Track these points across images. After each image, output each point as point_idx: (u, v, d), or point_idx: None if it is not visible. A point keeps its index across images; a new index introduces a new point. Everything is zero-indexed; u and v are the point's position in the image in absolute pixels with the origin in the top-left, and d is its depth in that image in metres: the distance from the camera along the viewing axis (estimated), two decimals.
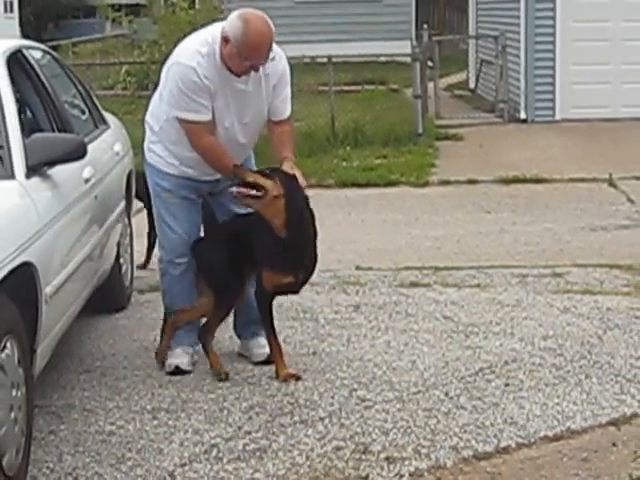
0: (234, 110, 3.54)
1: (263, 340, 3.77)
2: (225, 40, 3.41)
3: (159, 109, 3.64)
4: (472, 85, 13.98)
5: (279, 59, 3.59)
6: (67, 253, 3.34)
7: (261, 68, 3.49)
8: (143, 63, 9.07)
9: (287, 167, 3.56)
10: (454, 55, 15.57)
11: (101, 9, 18.58)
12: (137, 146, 5.09)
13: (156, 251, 4.14)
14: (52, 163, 3.28)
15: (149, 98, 3.87)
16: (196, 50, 3.46)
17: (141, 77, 9.08)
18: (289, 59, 3.73)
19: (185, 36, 3.70)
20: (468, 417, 3.24)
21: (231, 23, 3.42)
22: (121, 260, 4.52)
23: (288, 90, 3.66)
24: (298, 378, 3.56)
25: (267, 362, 3.73)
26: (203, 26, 9.33)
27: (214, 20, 8.97)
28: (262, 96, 3.57)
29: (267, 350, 3.74)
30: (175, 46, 3.67)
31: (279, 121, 3.66)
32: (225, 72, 3.47)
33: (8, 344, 2.74)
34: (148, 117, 3.74)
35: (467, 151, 9.37)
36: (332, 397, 3.44)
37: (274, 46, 3.53)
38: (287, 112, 3.67)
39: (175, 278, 3.75)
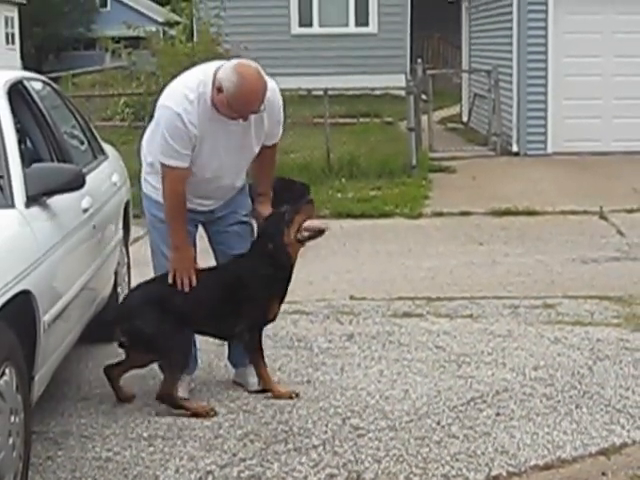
0: (223, 150, 3.59)
1: (253, 370, 3.81)
2: (218, 89, 3.43)
3: (152, 143, 3.67)
4: (465, 118, 14.14)
5: (274, 98, 3.58)
6: (65, 281, 3.37)
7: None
8: (140, 94, 9.15)
9: (262, 207, 3.78)
10: (448, 89, 15.74)
11: (101, 41, 18.76)
12: (134, 176, 5.17)
13: None
14: (51, 193, 3.31)
15: (144, 129, 3.92)
16: (184, 95, 3.46)
17: (138, 108, 9.16)
18: (285, 91, 3.80)
19: (183, 68, 3.74)
20: (460, 446, 3.27)
21: (226, 75, 3.42)
22: (119, 289, 4.55)
23: (281, 118, 3.70)
24: (295, 395, 3.69)
25: (262, 390, 3.77)
26: (200, 58, 9.38)
27: (211, 53, 9.04)
28: (252, 135, 3.62)
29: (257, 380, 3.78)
30: (172, 78, 3.72)
31: (270, 145, 3.75)
32: (216, 115, 3.49)
33: (7, 371, 2.77)
34: (143, 148, 3.79)
35: (460, 183, 9.46)
36: (326, 425, 3.46)
37: (269, 83, 3.55)
38: (279, 135, 3.76)
39: None
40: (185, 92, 3.47)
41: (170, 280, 3.61)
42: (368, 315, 4.94)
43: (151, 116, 3.78)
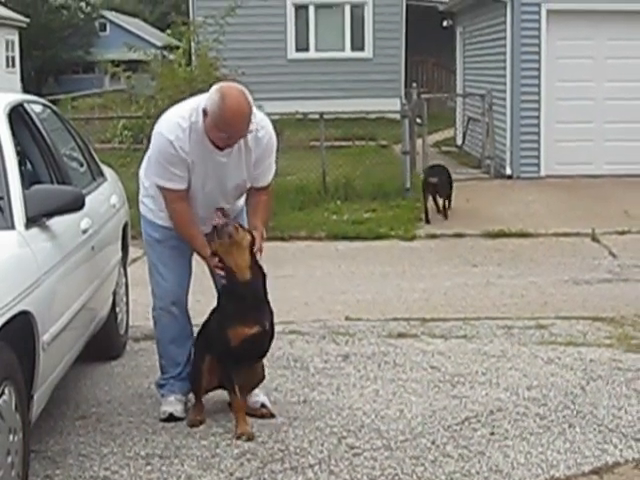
0: (214, 179, 3.62)
1: (256, 389, 3.84)
2: (204, 113, 3.47)
3: (149, 168, 3.74)
4: (459, 142, 14.27)
5: (264, 133, 3.61)
6: (64, 302, 3.40)
7: (243, 142, 3.55)
8: (139, 117, 9.23)
9: (256, 234, 3.65)
10: (442, 113, 15.87)
11: (101, 64, 18.88)
12: (133, 198, 5.21)
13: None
14: (51, 214, 3.35)
15: (144, 152, 3.98)
16: (177, 123, 3.53)
17: (136, 131, 9.22)
18: (282, 115, 3.83)
19: (181, 92, 3.81)
20: (454, 465, 3.29)
21: (210, 96, 3.47)
22: (117, 309, 4.58)
23: (271, 161, 3.71)
24: (250, 438, 3.51)
25: (262, 406, 3.79)
26: (199, 82, 9.42)
27: (210, 77, 9.13)
28: (242, 168, 3.64)
29: (260, 399, 3.81)
30: (171, 101, 3.79)
31: (258, 188, 3.74)
32: (208, 144, 3.53)
33: (6, 390, 2.80)
34: (141, 172, 3.85)
35: (454, 206, 9.53)
36: (322, 444, 3.49)
37: (261, 119, 3.60)
38: (267, 181, 3.74)
39: (166, 326, 3.83)
40: (178, 120, 3.54)
41: (225, 279, 3.63)
42: (363, 335, 4.97)
43: (149, 139, 3.84)
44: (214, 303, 3.98)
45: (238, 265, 3.58)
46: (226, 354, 3.61)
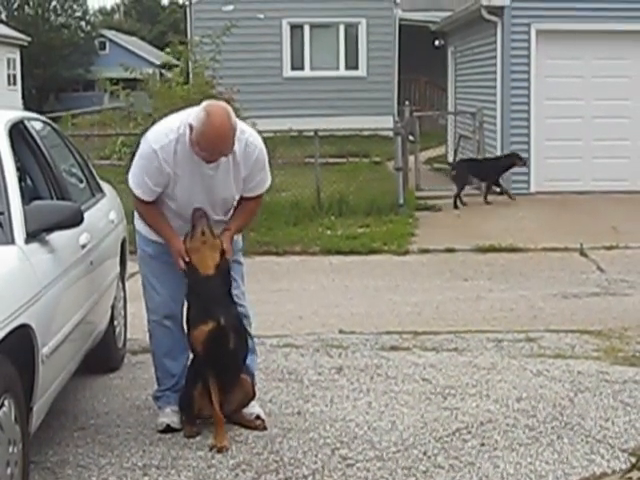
0: (202, 191, 3.67)
1: (252, 401, 3.90)
2: (190, 128, 3.54)
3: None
4: (450, 159, 14.37)
5: (253, 149, 3.66)
6: (63, 316, 3.45)
7: (231, 157, 3.60)
8: (137, 135, 9.31)
9: (224, 237, 3.71)
10: (434, 130, 16.02)
11: (100, 82, 18.93)
12: (130, 214, 5.27)
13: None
14: (50, 229, 3.40)
15: (127, 166, 4.04)
16: (165, 134, 3.60)
17: (135, 148, 9.23)
18: (277, 132, 3.89)
19: (179, 110, 3.89)
20: (445, 476, 3.34)
21: (196, 113, 3.53)
22: (115, 322, 4.63)
23: (263, 174, 3.75)
24: (220, 450, 3.56)
25: (258, 417, 3.84)
26: (195, 101, 9.55)
27: (206, 95, 9.27)
28: (230, 182, 3.68)
29: (255, 411, 3.86)
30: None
31: (249, 197, 3.79)
32: (194, 156, 3.58)
33: (6, 402, 2.85)
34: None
35: (445, 221, 9.64)
36: (315, 455, 3.54)
37: (249, 134, 3.66)
38: (261, 190, 3.80)
39: (160, 339, 3.89)
40: (166, 131, 3.61)
41: (181, 266, 3.68)
42: (357, 348, 5.03)
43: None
44: None
45: (204, 262, 3.62)
46: (197, 361, 3.68)
